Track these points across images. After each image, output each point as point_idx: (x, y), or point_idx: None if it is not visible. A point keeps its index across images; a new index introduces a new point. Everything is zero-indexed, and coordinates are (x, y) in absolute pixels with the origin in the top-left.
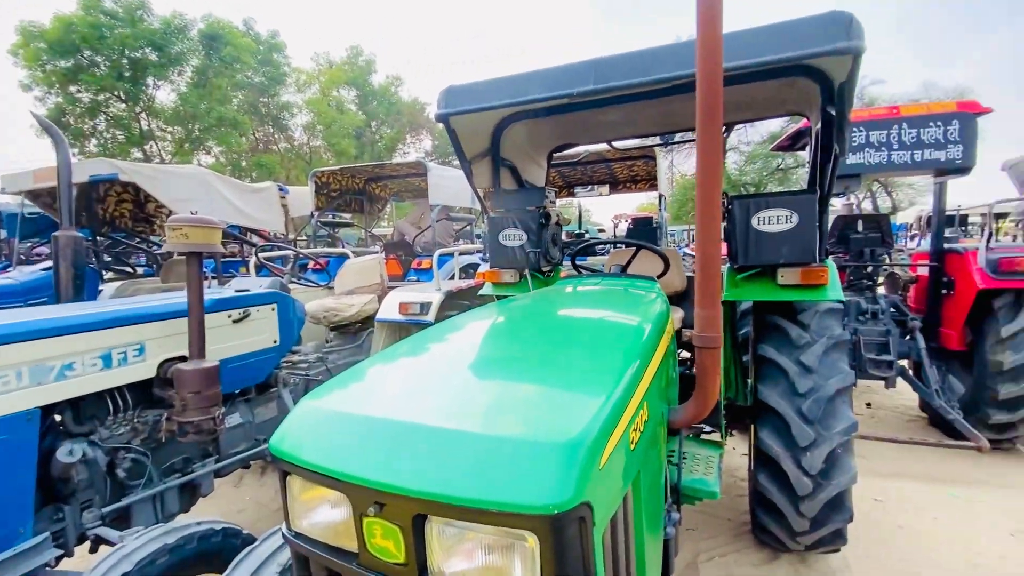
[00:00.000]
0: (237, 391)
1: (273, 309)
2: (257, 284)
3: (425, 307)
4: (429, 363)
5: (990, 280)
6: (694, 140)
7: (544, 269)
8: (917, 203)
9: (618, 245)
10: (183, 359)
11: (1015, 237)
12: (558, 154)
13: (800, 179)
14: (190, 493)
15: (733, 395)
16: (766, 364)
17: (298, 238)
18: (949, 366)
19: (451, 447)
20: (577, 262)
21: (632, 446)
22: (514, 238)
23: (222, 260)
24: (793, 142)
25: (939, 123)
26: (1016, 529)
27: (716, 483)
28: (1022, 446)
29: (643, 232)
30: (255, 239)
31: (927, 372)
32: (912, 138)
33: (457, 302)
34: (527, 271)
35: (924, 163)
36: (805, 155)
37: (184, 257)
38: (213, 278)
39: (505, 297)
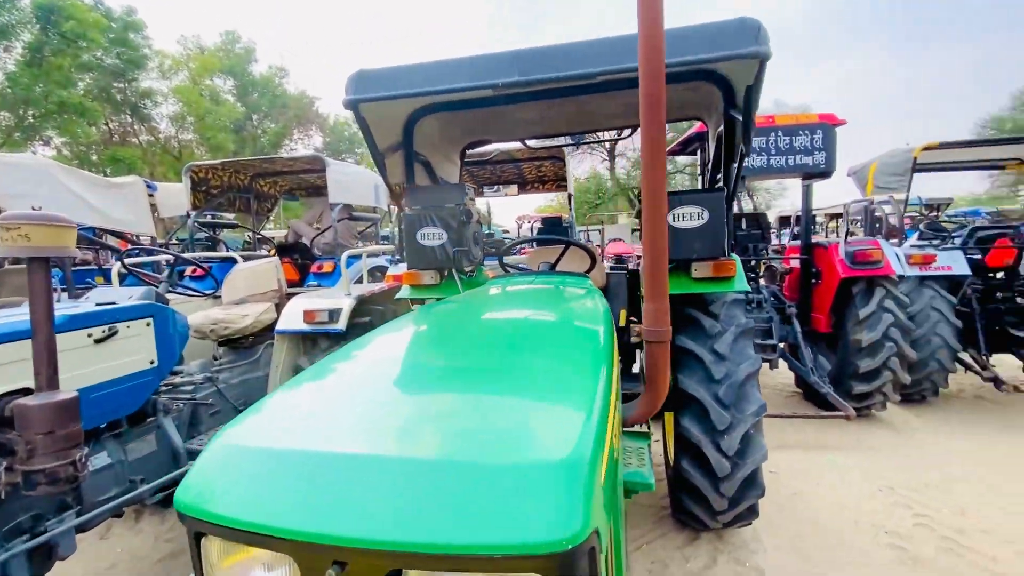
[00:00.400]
0: (104, 425)
1: (148, 324)
2: (126, 295)
3: (335, 314)
4: (372, 381)
5: (849, 270)
6: (610, 140)
7: (467, 269)
8: (773, 205)
9: (531, 244)
10: (27, 392)
11: (849, 233)
12: (471, 151)
13: (679, 184)
14: (44, 556)
15: None
16: (684, 354)
17: (170, 242)
18: (819, 346)
19: (425, 481)
20: (503, 261)
21: (616, 455)
22: (433, 237)
23: (72, 269)
24: (684, 147)
25: (807, 132)
26: (883, 485)
27: (651, 474)
28: (877, 412)
29: (554, 232)
30: (112, 241)
31: (802, 352)
32: (787, 145)
33: (370, 308)
34: (453, 271)
35: (796, 167)
36: (686, 159)
37: (24, 265)
38: (63, 290)
39: (426, 300)
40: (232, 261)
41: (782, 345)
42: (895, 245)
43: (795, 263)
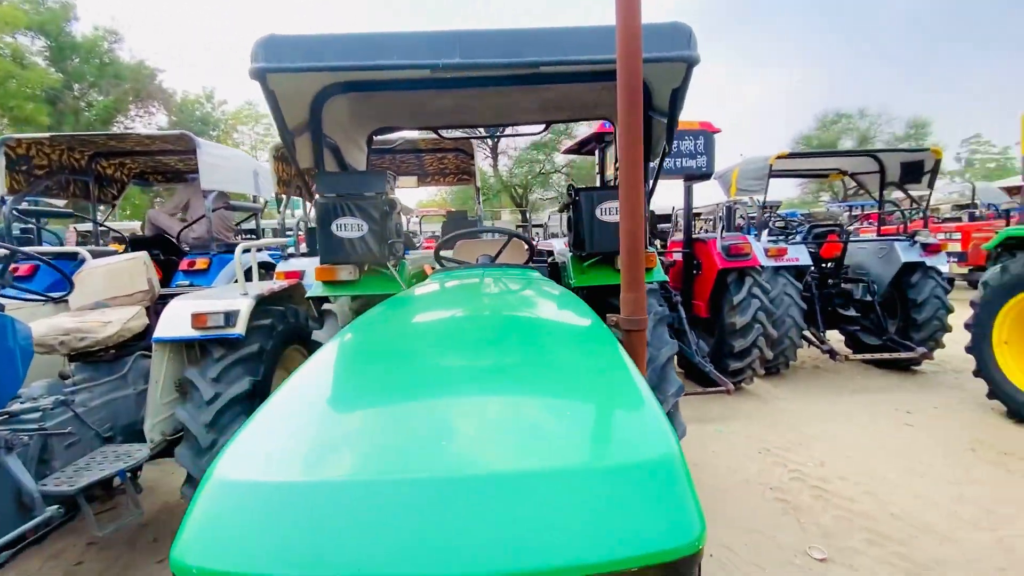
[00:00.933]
0: None
1: None
2: None
3: (231, 317)
4: (389, 390)
5: (725, 262)
6: (533, 134)
7: (390, 263)
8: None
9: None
10: None
11: (709, 229)
12: (378, 137)
13: (557, 183)
14: None
15: None
16: None
17: None
18: (699, 330)
19: (515, 500)
20: (440, 255)
21: None
22: (352, 228)
23: None
24: (580, 147)
25: (691, 137)
26: (760, 447)
27: None
28: (747, 385)
29: (461, 225)
30: None
31: (687, 336)
32: (675, 148)
33: (270, 309)
34: (389, 267)
35: (681, 169)
36: (561, 159)
37: None
38: None
39: (338, 299)
40: (74, 258)
41: None
42: (756, 239)
43: (678, 256)
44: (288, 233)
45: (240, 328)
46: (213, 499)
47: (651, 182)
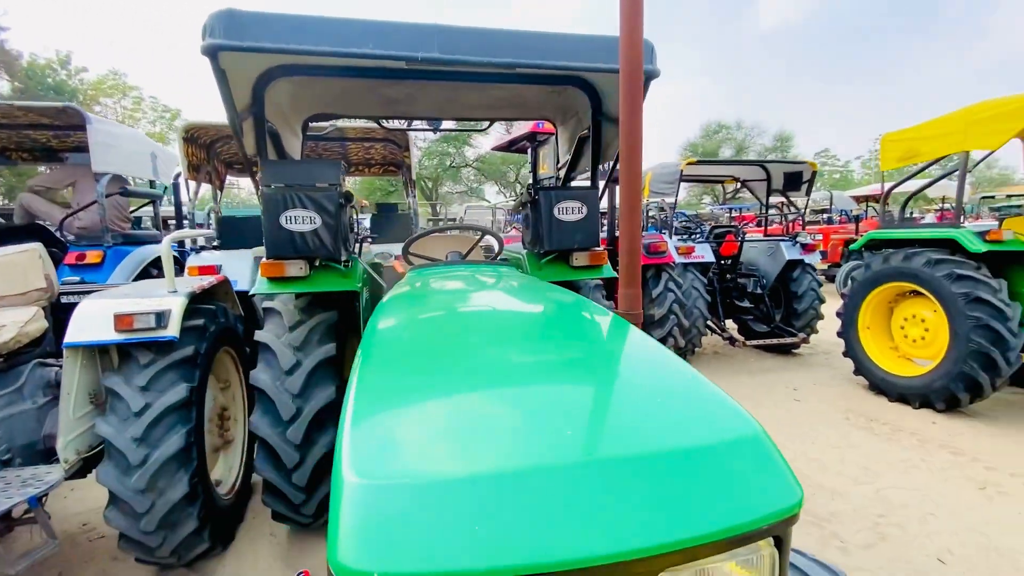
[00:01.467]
0: None
1: None
2: None
3: (162, 318)
4: (473, 384)
5: (646, 258)
6: (475, 130)
7: (342, 259)
8: None
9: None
10: None
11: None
12: (314, 123)
13: (467, 177)
14: None
15: None
16: None
17: None
18: None
19: (651, 479)
20: (409, 251)
21: None
22: (303, 221)
23: None
24: (510, 145)
25: None
26: None
27: None
28: None
29: (391, 219)
30: None
31: None
32: None
33: (202, 308)
34: (363, 263)
35: (604, 172)
36: (471, 153)
37: None
38: None
39: (280, 296)
40: None
41: None
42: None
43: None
44: (200, 225)
45: (173, 329)
46: (364, 503)
47: (605, 183)
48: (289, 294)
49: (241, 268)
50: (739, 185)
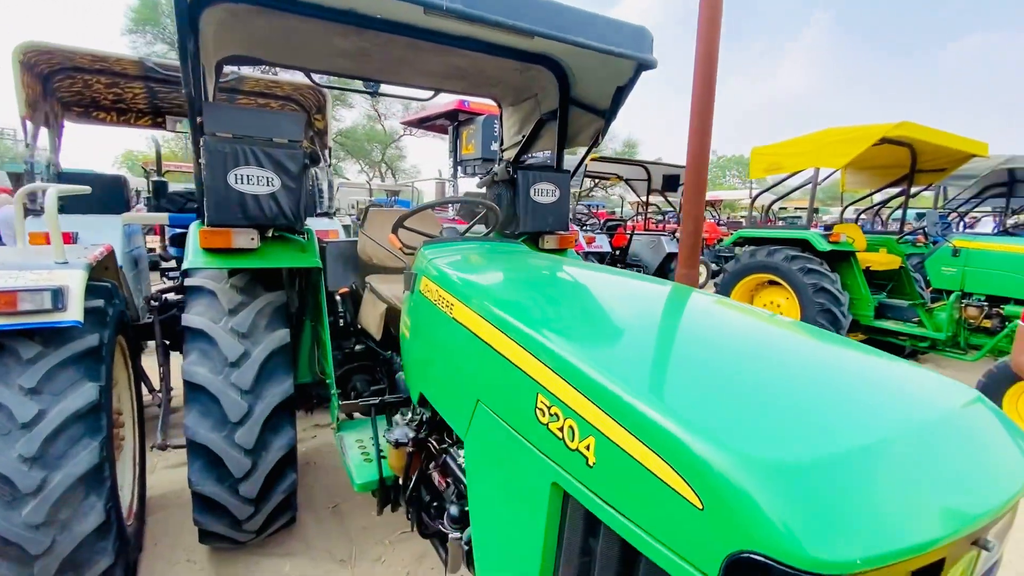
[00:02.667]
0: None
1: None
2: None
3: (60, 297)
4: (718, 365)
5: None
6: (418, 99)
7: (299, 229)
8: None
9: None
10: None
11: None
12: (228, 66)
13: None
14: None
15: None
16: None
17: None
18: None
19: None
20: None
21: None
22: (260, 182)
23: None
24: (422, 121)
25: None
26: None
27: None
28: None
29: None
30: None
31: None
32: None
33: (96, 285)
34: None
35: None
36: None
37: None
38: None
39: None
40: None
41: None
42: None
43: None
44: (40, 177)
45: (75, 312)
46: (784, 493)
47: (575, 168)
48: (221, 271)
49: (100, 239)
50: (618, 182)
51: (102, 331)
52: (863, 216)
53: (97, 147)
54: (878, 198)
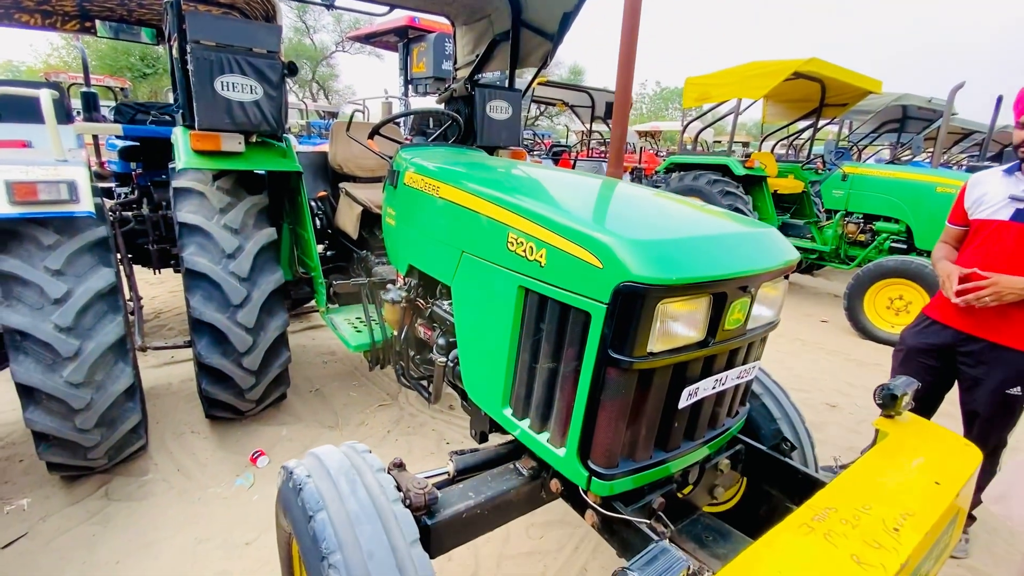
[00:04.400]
0: None
1: None
2: None
3: (73, 189)
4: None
5: None
6: (372, 14)
7: (280, 136)
8: None
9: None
10: None
11: None
12: None
13: None
14: None
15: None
16: None
17: None
18: None
19: (752, 240)
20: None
21: None
22: (244, 90)
23: None
24: (370, 36)
25: None
26: None
27: None
28: None
29: None
30: None
31: None
32: None
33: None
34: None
35: None
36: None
37: None
38: None
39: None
40: None
41: None
42: None
43: None
44: None
45: (87, 204)
46: (640, 244)
47: (524, 89)
48: (207, 173)
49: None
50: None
51: (105, 225)
52: (779, 150)
53: None
54: (794, 130)
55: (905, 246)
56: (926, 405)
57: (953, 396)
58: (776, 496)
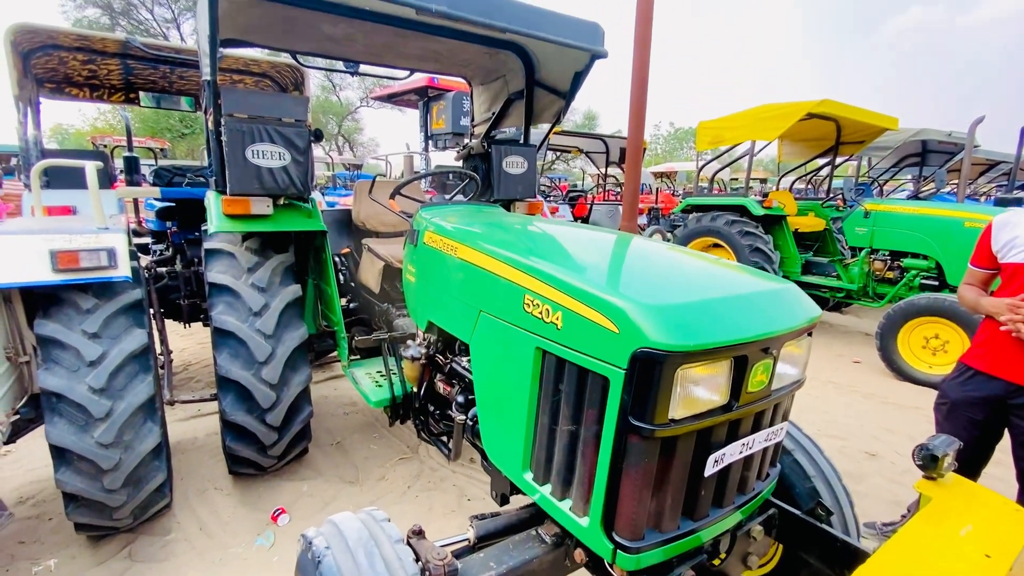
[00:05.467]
0: None
1: None
2: None
3: (112, 255)
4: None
5: None
6: (394, 78)
7: (306, 198)
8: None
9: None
10: None
11: None
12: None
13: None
14: None
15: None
16: None
17: None
18: None
19: (772, 299)
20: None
21: None
22: (273, 156)
23: None
24: (392, 96)
25: None
26: None
27: None
28: None
29: None
30: None
31: None
32: None
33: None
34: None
35: None
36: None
37: None
38: None
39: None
40: None
41: None
42: None
43: None
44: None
45: (124, 269)
46: (659, 310)
47: (541, 143)
48: (237, 234)
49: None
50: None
51: (141, 287)
52: (797, 183)
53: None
54: (812, 167)
55: (936, 283)
56: (976, 459)
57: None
58: (815, 565)
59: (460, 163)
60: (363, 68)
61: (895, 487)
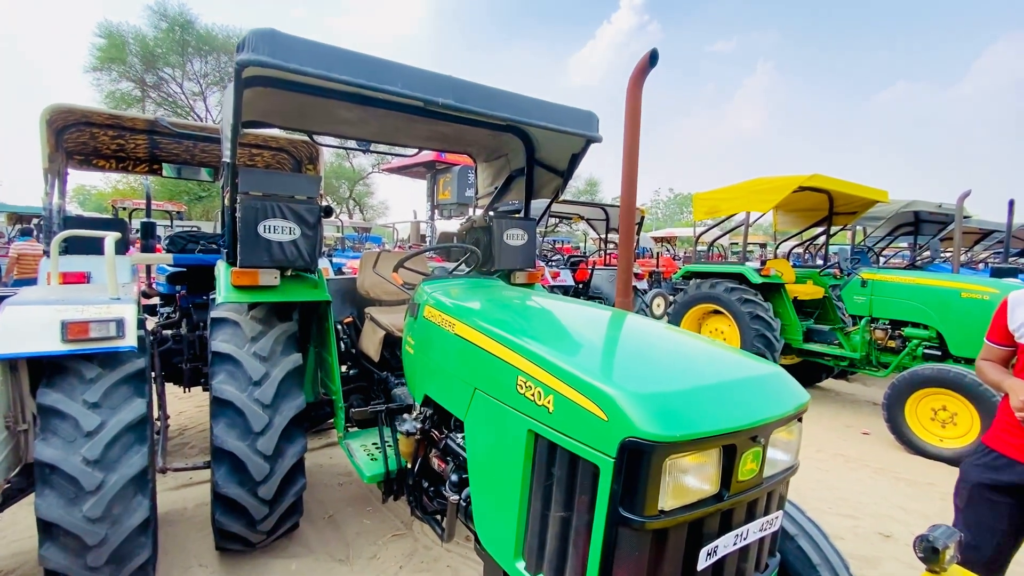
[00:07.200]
0: None
1: None
2: None
3: (120, 326)
4: (636, 345)
5: None
6: (404, 155)
7: (313, 269)
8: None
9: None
10: None
11: None
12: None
13: None
14: None
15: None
16: None
17: None
18: None
19: (760, 385)
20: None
21: None
22: (283, 231)
23: None
24: (401, 168)
25: None
26: None
27: None
28: None
29: None
30: None
31: None
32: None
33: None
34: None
35: None
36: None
37: None
38: None
39: (249, 305)
40: None
41: None
42: None
43: None
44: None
45: (131, 339)
46: (641, 400)
47: (541, 216)
48: (243, 304)
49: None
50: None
51: (145, 356)
52: (797, 251)
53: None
54: (807, 236)
55: (939, 352)
56: (1006, 548)
57: None
58: None
59: (464, 234)
60: (374, 146)
61: (913, 573)
